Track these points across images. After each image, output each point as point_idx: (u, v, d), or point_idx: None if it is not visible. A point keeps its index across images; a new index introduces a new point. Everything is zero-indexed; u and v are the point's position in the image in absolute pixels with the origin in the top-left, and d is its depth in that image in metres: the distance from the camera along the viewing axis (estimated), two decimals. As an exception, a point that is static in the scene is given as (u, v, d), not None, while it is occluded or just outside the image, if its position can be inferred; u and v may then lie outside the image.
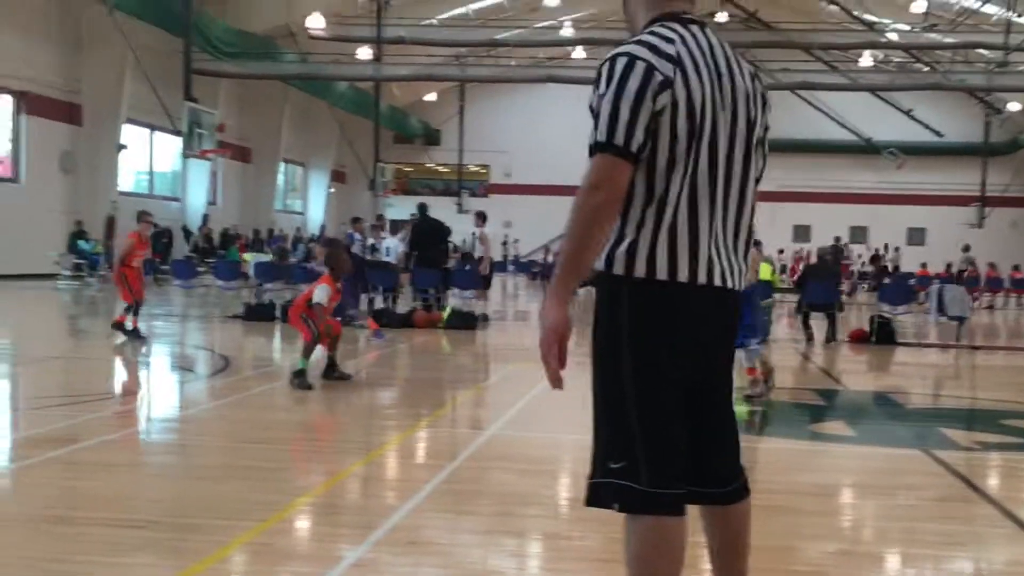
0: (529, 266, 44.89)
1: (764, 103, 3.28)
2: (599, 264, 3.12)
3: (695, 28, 3.17)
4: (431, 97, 52.77)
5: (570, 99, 50.86)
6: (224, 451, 7.53)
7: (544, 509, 6.05)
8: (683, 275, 3.07)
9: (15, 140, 29.90)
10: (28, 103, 29.71)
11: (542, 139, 53.60)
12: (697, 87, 3.04)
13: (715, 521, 3.35)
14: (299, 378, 10.29)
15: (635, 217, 3.07)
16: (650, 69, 2.99)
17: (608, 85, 3.01)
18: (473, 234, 20.69)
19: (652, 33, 3.11)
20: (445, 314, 18.41)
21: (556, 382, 3.10)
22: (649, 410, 3.08)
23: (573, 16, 45.87)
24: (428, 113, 53.95)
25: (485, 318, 19.43)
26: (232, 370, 11.89)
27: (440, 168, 54.31)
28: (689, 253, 3.08)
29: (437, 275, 19.46)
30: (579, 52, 46.30)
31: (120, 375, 12.17)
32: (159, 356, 13.85)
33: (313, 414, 9.49)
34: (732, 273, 3.18)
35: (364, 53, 39.76)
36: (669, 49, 3.04)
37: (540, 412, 9.59)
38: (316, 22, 37.60)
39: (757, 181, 3.30)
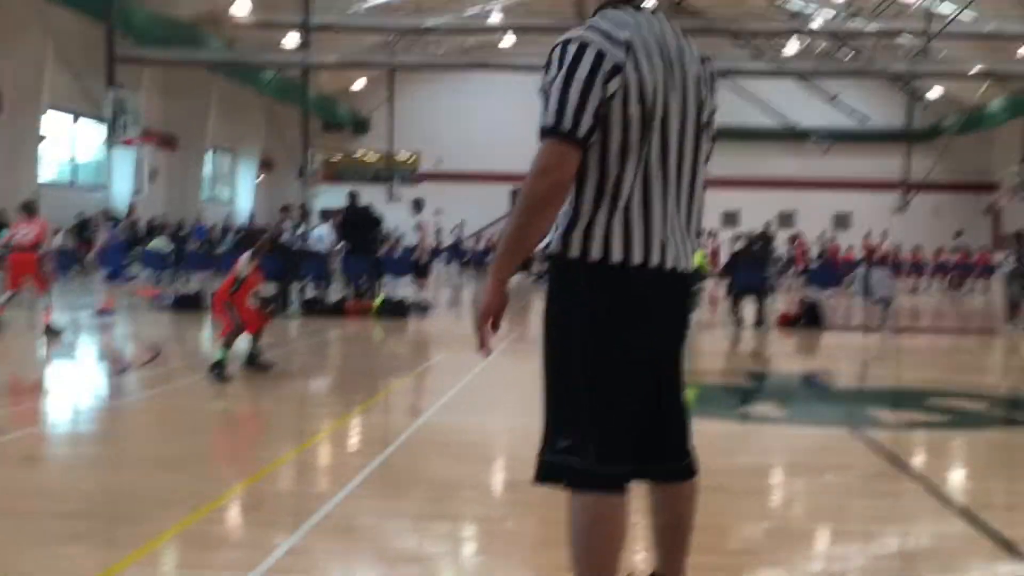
0: (461, 253, 44.80)
1: (712, 87, 3.31)
2: (553, 247, 3.14)
3: (646, 13, 3.18)
4: (360, 85, 52.37)
5: (500, 87, 50.87)
6: (154, 443, 7.43)
7: (478, 493, 6.05)
8: (637, 257, 3.10)
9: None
10: (-56, 91, 28.96)
11: (473, 127, 53.42)
12: (648, 72, 3.05)
13: (664, 499, 3.39)
14: (217, 368, 10.07)
15: (589, 200, 3.09)
16: (601, 54, 3.00)
17: (559, 70, 3.02)
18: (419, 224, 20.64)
19: (604, 18, 3.12)
20: (376, 302, 18.33)
21: (484, 349, 3.14)
22: (598, 390, 3.11)
23: (503, 3, 45.79)
24: (357, 101, 53.53)
25: (424, 306, 19.36)
26: (159, 361, 11.72)
27: (370, 157, 53.96)
28: (643, 235, 3.10)
29: (368, 263, 19.37)
30: (509, 39, 46.25)
31: (45, 367, 11.94)
32: (86, 347, 13.61)
33: (244, 403, 9.40)
34: (685, 255, 3.22)
35: (292, 40, 39.32)
36: (621, 34, 3.05)
37: (474, 398, 9.59)
38: (242, 8, 37.11)
39: (706, 163, 3.33)
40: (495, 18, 42.74)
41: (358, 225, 19.51)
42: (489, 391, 9.99)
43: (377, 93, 50.58)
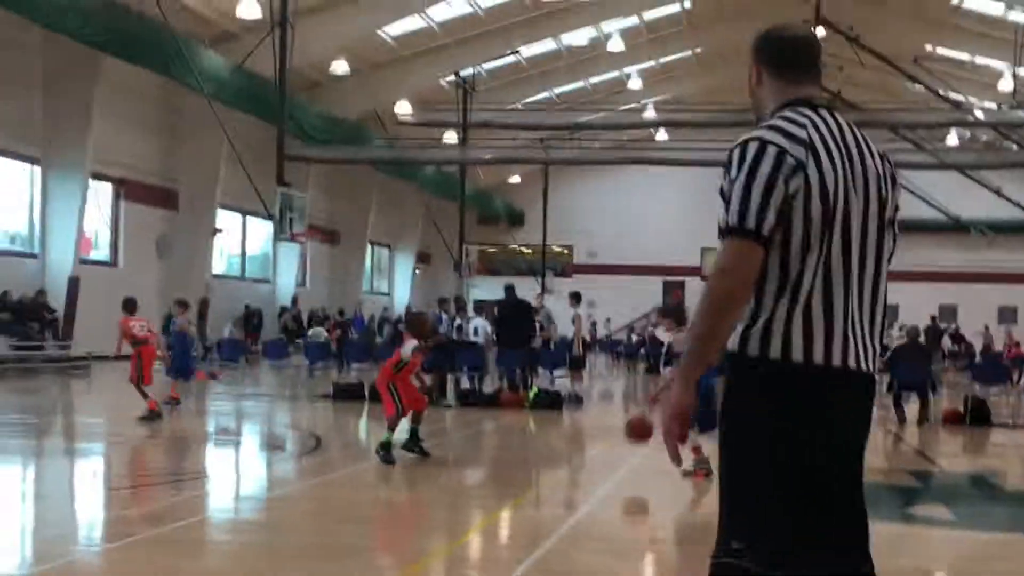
0: (614, 346, 44.74)
1: (894, 183, 3.33)
2: (732, 345, 3.14)
3: (824, 112, 3.23)
4: (515, 179, 53.36)
5: (653, 180, 51.17)
6: (315, 531, 7.61)
7: (635, 591, 6.01)
8: (819, 357, 3.07)
9: (114, 225, 30.86)
10: (127, 190, 30.69)
11: (626, 220, 53.76)
12: (829, 170, 3.08)
13: None
14: (384, 451, 10.34)
15: (769, 298, 3.10)
16: (782, 153, 3.05)
17: (739, 169, 3.07)
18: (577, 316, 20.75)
19: (783, 118, 3.17)
20: (531, 394, 18.42)
21: (676, 459, 3.18)
22: (775, 493, 3.08)
23: (655, 99, 46.23)
24: (512, 195, 54.50)
25: (578, 398, 19.39)
26: (322, 449, 12.02)
27: (524, 249, 54.65)
28: (825, 334, 3.08)
29: (522, 355, 19.51)
30: (662, 134, 46.57)
31: (212, 454, 12.38)
32: (250, 436, 14.06)
33: (401, 493, 9.55)
34: (867, 355, 3.18)
35: (450, 137, 40.47)
36: (801, 133, 3.10)
37: (631, 492, 9.53)
38: (404, 108, 38.44)
39: (889, 261, 3.32)
40: (649, 113, 43.10)
41: (514, 317, 19.69)
42: (646, 485, 9.92)
43: (532, 186, 51.39)
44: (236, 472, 11.11)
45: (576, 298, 21.17)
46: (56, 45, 25.53)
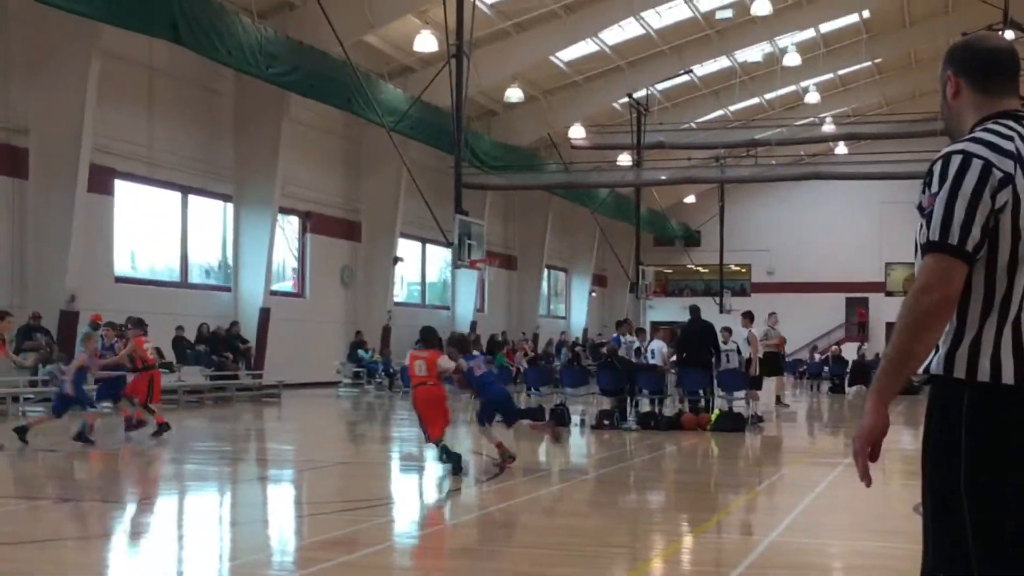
0: (794, 366, 43.76)
1: None
2: (935, 366, 3.03)
3: None
4: (690, 199, 52.94)
5: (833, 194, 50.00)
6: (498, 557, 7.66)
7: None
8: None
9: (301, 257, 32.01)
10: (313, 223, 31.81)
11: (805, 236, 52.66)
12: None
13: None
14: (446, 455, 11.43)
15: (974, 318, 2.99)
16: (988, 167, 2.94)
17: (942, 184, 2.97)
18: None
19: (987, 130, 3.06)
20: (713, 416, 18.17)
21: (866, 478, 3.07)
22: (984, 523, 2.95)
23: (834, 112, 45.18)
24: (688, 214, 54.08)
25: (758, 419, 19.03)
26: (503, 475, 12.11)
27: (700, 269, 54.11)
28: None
29: (705, 376, 19.26)
30: (841, 147, 45.45)
31: (397, 481, 12.62)
32: (434, 461, 14.28)
33: (583, 519, 9.52)
34: None
35: (624, 159, 40.47)
36: (1008, 145, 2.99)
37: (820, 518, 9.26)
38: (577, 132, 38.68)
39: None
40: (828, 127, 42.12)
41: (698, 339, 19.44)
42: (835, 511, 9.64)
43: (708, 205, 50.87)
44: (420, 498, 11.30)
45: (749, 317, 20.77)
46: (246, 87, 26.80)
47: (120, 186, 24.70)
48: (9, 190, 21.79)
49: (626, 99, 38.31)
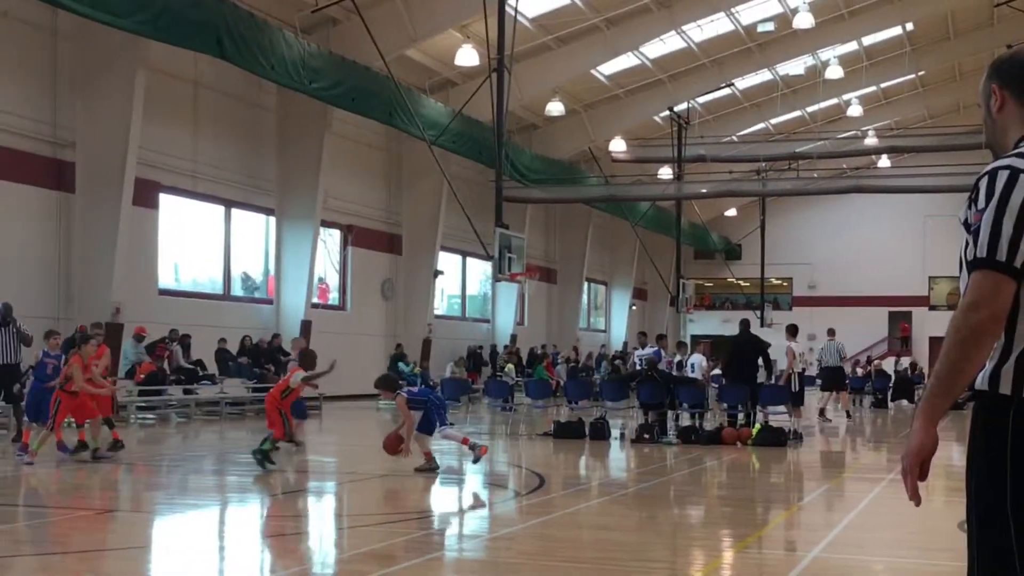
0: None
1: None
2: (981, 383, 3.02)
3: None
4: (731, 212, 52.72)
5: (875, 208, 49.61)
6: (538, 571, 7.65)
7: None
8: None
9: (342, 271, 32.19)
10: (354, 236, 31.99)
11: (847, 250, 52.29)
12: None
13: None
14: (262, 456, 12.96)
15: (1022, 333, 2.97)
16: None
17: (989, 199, 2.95)
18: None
19: None
20: (754, 430, 18.06)
21: (915, 497, 3.07)
22: None
23: (876, 125, 44.87)
24: (729, 228, 53.86)
25: (798, 435, 18.88)
26: (544, 488, 12.11)
27: (741, 282, 53.85)
28: None
29: (746, 391, 19.15)
30: (884, 161, 45.11)
31: (437, 493, 12.65)
32: (473, 474, 14.31)
33: (623, 534, 9.49)
34: None
35: (665, 172, 40.39)
36: None
37: (863, 536, 9.18)
38: (618, 146, 38.67)
39: None
40: (870, 140, 41.84)
41: (746, 352, 19.29)
42: (879, 527, 9.55)
43: (749, 219, 50.64)
44: (460, 511, 11.31)
45: (792, 331, 20.62)
46: (289, 102, 27.02)
47: (165, 200, 24.99)
48: (56, 203, 22.09)
49: (667, 112, 38.26)
